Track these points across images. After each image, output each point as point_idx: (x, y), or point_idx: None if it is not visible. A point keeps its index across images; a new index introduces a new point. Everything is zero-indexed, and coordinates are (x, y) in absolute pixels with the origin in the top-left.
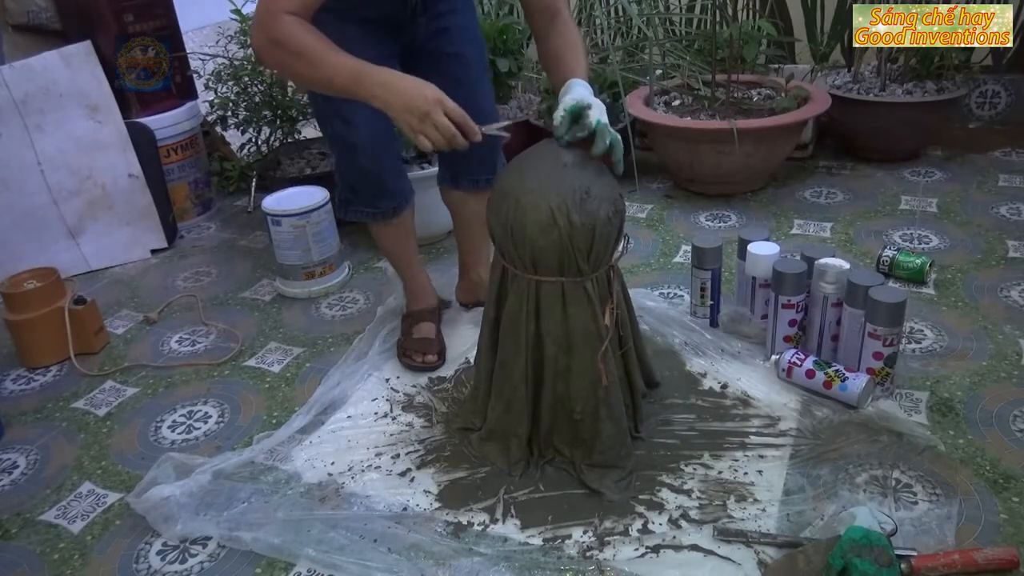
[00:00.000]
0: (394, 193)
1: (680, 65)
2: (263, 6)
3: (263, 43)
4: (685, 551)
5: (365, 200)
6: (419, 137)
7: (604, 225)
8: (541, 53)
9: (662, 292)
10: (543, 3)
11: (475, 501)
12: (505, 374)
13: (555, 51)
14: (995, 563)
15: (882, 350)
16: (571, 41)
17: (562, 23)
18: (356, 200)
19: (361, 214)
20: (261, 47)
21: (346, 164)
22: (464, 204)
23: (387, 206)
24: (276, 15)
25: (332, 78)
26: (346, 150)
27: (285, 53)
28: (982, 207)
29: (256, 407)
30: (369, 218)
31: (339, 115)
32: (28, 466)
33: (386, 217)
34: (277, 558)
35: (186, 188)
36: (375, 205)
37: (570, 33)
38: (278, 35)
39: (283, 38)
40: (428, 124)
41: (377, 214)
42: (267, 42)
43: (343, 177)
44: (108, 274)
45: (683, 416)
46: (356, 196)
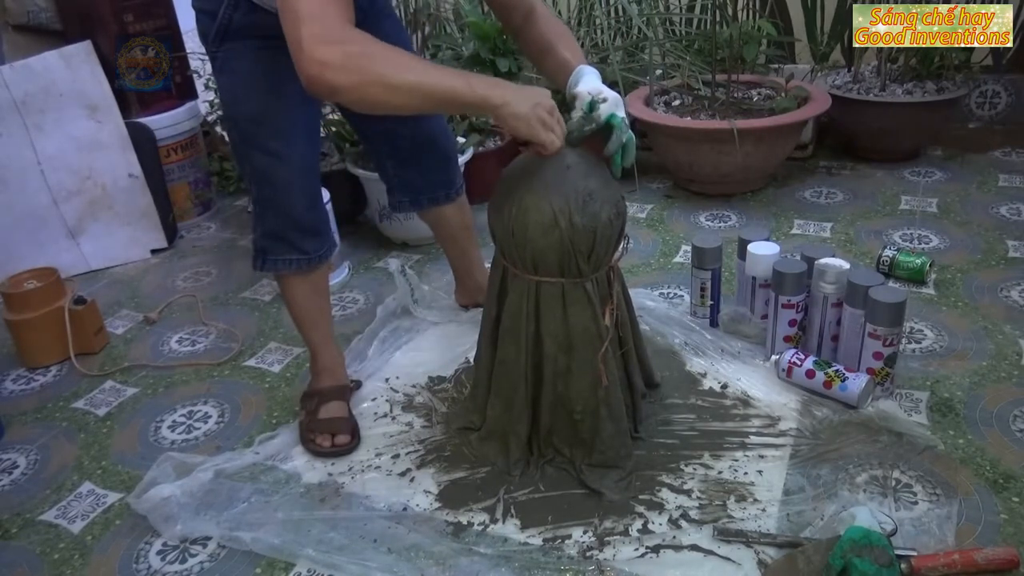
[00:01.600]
0: (324, 235)
1: (680, 65)
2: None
3: (334, 55)
4: (685, 551)
5: (289, 245)
6: (547, 133)
7: (605, 227)
8: (526, 47)
9: (662, 292)
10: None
11: (475, 501)
12: (505, 374)
13: (543, 41)
14: (995, 563)
15: (882, 350)
16: (558, 30)
17: (541, 15)
18: (278, 247)
19: (283, 263)
20: (330, 60)
21: (270, 205)
22: (442, 216)
23: (314, 251)
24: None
25: (440, 81)
26: (272, 188)
27: (371, 60)
28: (982, 207)
29: (256, 407)
30: (291, 267)
31: (263, 149)
32: (28, 466)
33: (311, 265)
34: (277, 558)
35: (186, 188)
36: (302, 250)
37: (554, 22)
38: (354, 43)
39: (362, 46)
40: (555, 119)
41: (302, 261)
42: (341, 53)
43: (263, 221)
44: (108, 274)
45: (683, 416)
46: (278, 242)
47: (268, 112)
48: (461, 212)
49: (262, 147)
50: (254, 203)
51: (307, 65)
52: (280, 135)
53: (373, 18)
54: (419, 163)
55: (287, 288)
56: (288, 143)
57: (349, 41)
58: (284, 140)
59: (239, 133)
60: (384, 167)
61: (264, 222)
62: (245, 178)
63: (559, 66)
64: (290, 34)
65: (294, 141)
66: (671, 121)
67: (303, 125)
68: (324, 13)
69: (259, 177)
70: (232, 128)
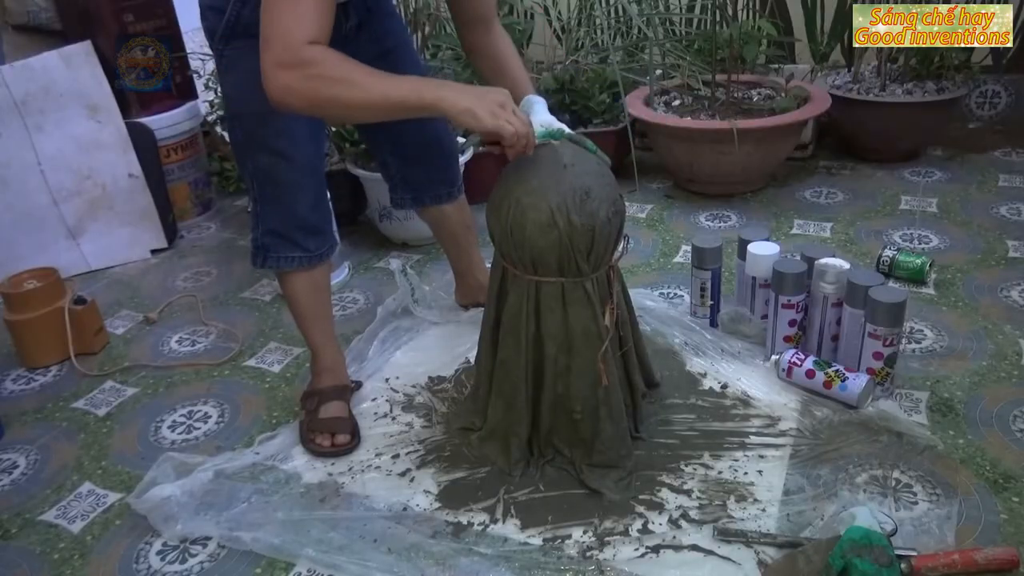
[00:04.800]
0: (326, 234)
1: (680, 65)
2: (279, 42)
3: (292, 80)
4: (685, 551)
5: (291, 243)
6: (502, 124)
7: (604, 226)
8: (481, 62)
9: (662, 292)
10: (476, 13)
11: (475, 501)
12: (505, 374)
13: (499, 59)
14: (995, 563)
15: (882, 350)
16: (510, 50)
17: (497, 33)
18: (280, 244)
19: (285, 260)
20: (289, 85)
21: (273, 204)
22: (443, 214)
23: (316, 248)
24: (299, 47)
25: (387, 95)
26: (277, 187)
27: (324, 83)
28: (982, 207)
29: (256, 407)
30: (293, 264)
31: (269, 148)
32: (28, 466)
33: (312, 262)
34: (277, 558)
35: (186, 188)
36: (304, 247)
37: (507, 43)
38: (311, 66)
39: (319, 68)
40: (508, 111)
41: (304, 258)
42: (298, 77)
43: (265, 221)
44: (108, 274)
45: (683, 416)
46: (281, 240)
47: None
48: (461, 211)
49: (268, 146)
50: (255, 201)
51: (270, 88)
52: (286, 135)
53: (377, 18)
54: (423, 161)
55: (288, 285)
56: (293, 143)
57: (307, 64)
58: (290, 140)
59: (244, 132)
60: (387, 165)
61: (266, 220)
62: (246, 177)
63: (511, 86)
64: (261, 55)
65: (299, 141)
66: (671, 121)
67: (307, 125)
68: (288, 34)
69: (263, 176)
70: (236, 127)
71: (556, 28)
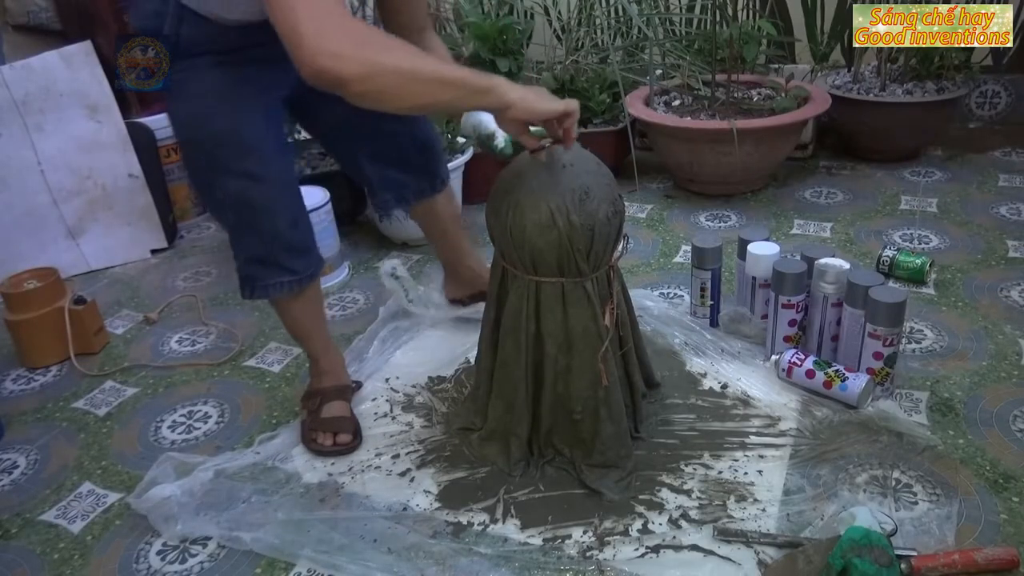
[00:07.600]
0: (311, 253)
1: (680, 65)
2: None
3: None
4: (685, 551)
5: (276, 268)
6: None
7: (603, 225)
8: None
9: (662, 292)
10: (409, 18)
11: (475, 501)
12: (505, 374)
13: None
14: (995, 563)
15: (882, 350)
16: (445, 57)
17: (430, 38)
18: (265, 271)
19: (274, 288)
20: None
21: (251, 229)
22: (432, 208)
23: (303, 270)
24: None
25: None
26: (252, 211)
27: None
28: (982, 207)
29: (256, 407)
30: (282, 290)
31: (235, 171)
32: (28, 466)
33: (302, 284)
34: (277, 558)
35: (186, 188)
36: (291, 270)
37: (441, 48)
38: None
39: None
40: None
41: (292, 283)
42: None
43: (245, 248)
44: (108, 274)
45: (683, 416)
46: (265, 267)
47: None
48: (450, 201)
49: (233, 169)
50: (230, 230)
51: (313, 57)
52: (252, 153)
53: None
54: (399, 160)
55: (280, 311)
56: (262, 160)
57: (355, 31)
58: (257, 158)
59: (204, 158)
60: (362, 170)
61: (246, 248)
62: (213, 207)
63: None
64: (286, 26)
65: (268, 157)
66: (671, 121)
67: (273, 139)
68: (329, 10)
69: (234, 202)
70: (194, 154)
71: (556, 28)
